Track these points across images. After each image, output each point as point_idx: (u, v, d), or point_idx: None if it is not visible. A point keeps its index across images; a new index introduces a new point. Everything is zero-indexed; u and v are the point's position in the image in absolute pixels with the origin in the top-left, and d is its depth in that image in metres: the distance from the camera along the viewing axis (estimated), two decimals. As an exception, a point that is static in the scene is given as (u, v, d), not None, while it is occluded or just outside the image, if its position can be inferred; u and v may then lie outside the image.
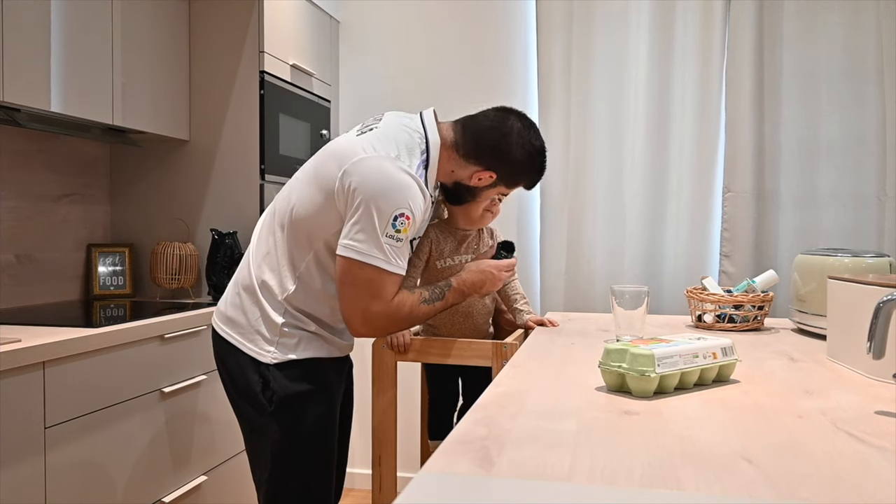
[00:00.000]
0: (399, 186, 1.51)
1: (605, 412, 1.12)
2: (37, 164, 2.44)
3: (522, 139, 1.68)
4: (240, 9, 2.63)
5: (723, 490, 0.79)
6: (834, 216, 2.79)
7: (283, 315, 1.61)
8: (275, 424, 1.61)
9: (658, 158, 2.90)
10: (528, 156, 1.70)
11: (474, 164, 1.68)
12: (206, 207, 2.70)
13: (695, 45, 2.86)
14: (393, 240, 1.51)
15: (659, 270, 2.91)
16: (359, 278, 1.53)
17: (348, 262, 1.52)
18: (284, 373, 1.60)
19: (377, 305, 1.55)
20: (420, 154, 1.61)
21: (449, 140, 1.67)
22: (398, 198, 1.51)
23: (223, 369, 1.70)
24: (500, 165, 1.69)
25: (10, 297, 2.31)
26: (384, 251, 1.51)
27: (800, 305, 1.95)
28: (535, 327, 1.96)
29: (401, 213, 1.50)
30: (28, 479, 1.64)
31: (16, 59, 1.93)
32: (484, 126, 1.68)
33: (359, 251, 1.50)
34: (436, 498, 0.77)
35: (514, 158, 1.68)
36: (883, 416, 1.10)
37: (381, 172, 1.51)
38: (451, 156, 1.67)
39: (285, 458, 1.62)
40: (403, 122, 1.66)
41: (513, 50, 3.09)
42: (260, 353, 1.61)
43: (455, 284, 1.70)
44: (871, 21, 2.73)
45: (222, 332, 1.68)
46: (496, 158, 1.68)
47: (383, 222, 1.50)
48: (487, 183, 1.71)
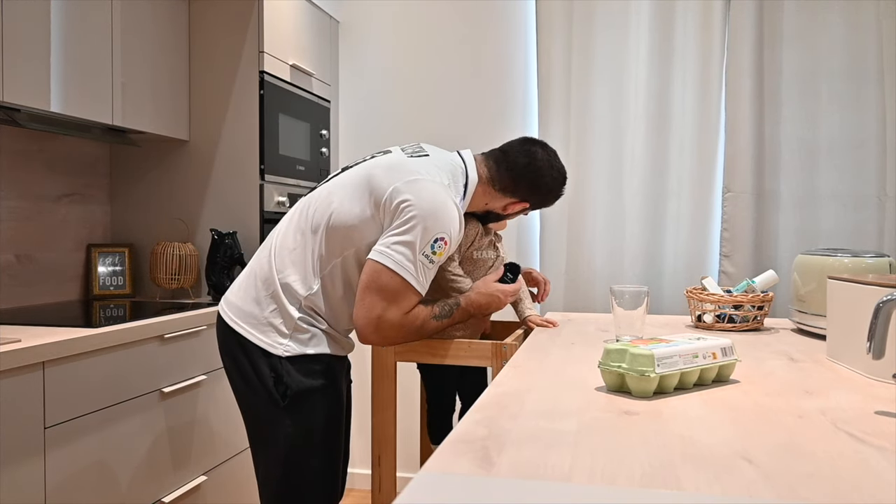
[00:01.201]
0: (448, 213, 1.60)
1: (605, 412, 1.12)
2: (37, 164, 2.44)
3: (552, 169, 1.82)
4: (240, 9, 2.63)
5: (723, 490, 0.79)
6: (834, 216, 2.79)
7: (299, 310, 1.63)
8: (288, 419, 1.62)
9: (658, 158, 2.90)
10: (556, 182, 1.84)
11: (510, 196, 1.81)
12: (206, 207, 2.70)
13: (695, 45, 2.86)
14: (427, 260, 1.58)
15: (659, 270, 2.91)
16: (385, 285, 1.56)
17: (379, 268, 1.56)
18: (297, 367, 1.62)
19: (393, 315, 1.59)
20: (462, 188, 1.72)
21: (485, 176, 1.78)
22: (445, 223, 1.58)
23: (230, 360, 1.69)
24: (533, 196, 1.83)
25: (10, 297, 2.31)
26: (416, 267, 1.57)
27: (800, 305, 1.95)
28: (533, 327, 1.97)
29: (442, 237, 1.58)
30: (28, 479, 1.64)
31: (16, 59, 1.93)
32: (519, 163, 1.79)
33: (395, 260, 1.56)
34: (436, 498, 0.77)
35: (546, 189, 1.83)
36: (883, 416, 1.10)
37: (436, 196, 1.60)
38: (487, 190, 1.79)
39: (298, 452, 1.64)
40: (449, 157, 1.77)
41: (513, 50, 3.09)
42: (272, 346, 1.62)
43: (464, 304, 1.75)
44: (871, 21, 2.73)
45: (231, 322, 1.68)
46: (531, 192, 1.82)
47: (425, 241, 1.56)
48: (519, 210, 1.85)
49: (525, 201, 1.83)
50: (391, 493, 1.82)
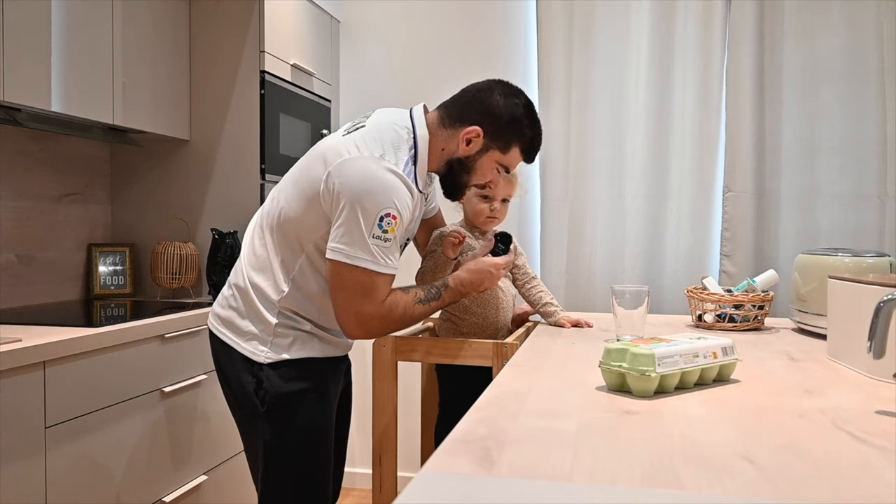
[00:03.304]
0: (384, 187, 1.50)
1: (606, 412, 1.12)
2: (37, 163, 2.44)
3: (505, 91, 1.65)
4: (240, 8, 2.63)
5: (723, 490, 0.79)
6: (834, 216, 2.78)
7: (276, 316, 1.60)
8: (267, 424, 1.60)
9: (658, 158, 2.90)
10: (513, 106, 1.64)
11: (459, 126, 1.63)
12: (207, 207, 2.70)
13: (695, 44, 2.86)
14: (380, 240, 1.50)
15: (659, 270, 2.91)
16: (348, 281, 1.52)
17: (337, 266, 1.52)
18: (278, 372, 1.60)
19: (369, 307, 1.54)
20: (408, 150, 1.60)
21: (435, 122, 1.66)
22: (383, 198, 1.50)
23: (219, 369, 1.70)
24: (484, 118, 1.63)
25: (10, 297, 2.31)
26: (371, 252, 1.50)
27: (800, 305, 1.95)
28: (569, 327, 1.96)
29: (387, 213, 1.50)
30: (28, 479, 1.64)
31: (16, 59, 1.93)
32: (467, 90, 1.67)
33: (346, 254, 1.50)
34: (436, 498, 0.77)
35: (497, 110, 1.63)
36: (883, 416, 1.10)
37: (364, 173, 1.50)
38: (439, 133, 1.65)
39: (278, 458, 1.62)
40: (391, 119, 1.64)
41: (513, 50, 3.09)
42: (254, 353, 1.61)
43: (452, 284, 1.70)
44: (871, 21, 2.73)
45: (217, 332, 1.68)
46: (479, 112, 1.63)
47: (369, 223, 1.49)
48: (478, 146, 1.64)
49: (475, 125, 1.62)
50: (392, 493, 1.82)
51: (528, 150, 1.69)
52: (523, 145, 1.68)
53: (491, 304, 1.93)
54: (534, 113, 1.68)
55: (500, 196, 1.93)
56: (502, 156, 1.67)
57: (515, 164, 1.72)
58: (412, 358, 1.85)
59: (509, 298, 2.00)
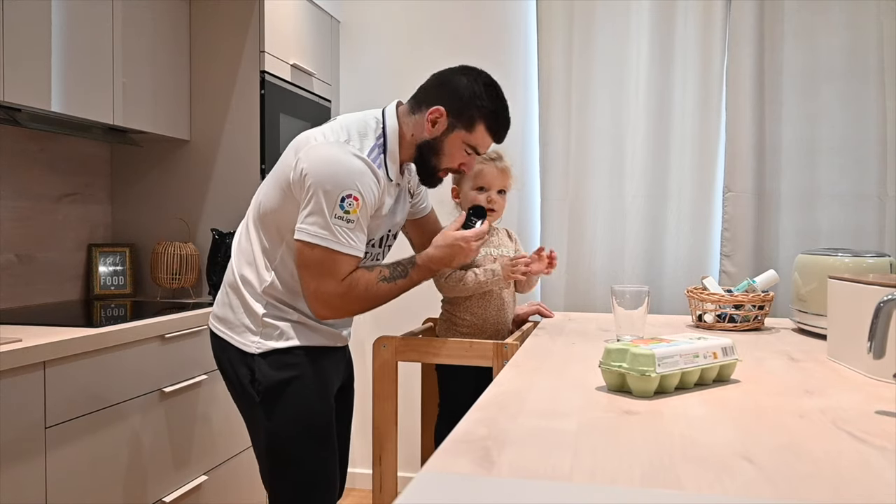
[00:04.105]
0: (346, 168, 1.56)
1: (606, 412, 1.12)
2: (37, 164, 2.44)
3: (466, 72, 1.70)
4: (240, 9, 2.62)
5: (723, 490, 0.79)
6: (834, 216, 2.78)
7: (264, 306, 1.65)
8: (263, 414, 1.64)
9: (658, 158, 2.90)
10: (472, 83, 1.67)
11: (425, 108, 1.68)
12: (207, 207, 2.70)
13: (695, 44, 2.86)
14: (343, 221, 1.55)
15: (659, 270, 2.91)
16: (310, 260, 1.57)
17: (301, 245, 1.57)
18: (268, 361, 1.63)
19: (328, 285, 1.58)
20: (375, 138, 1.65)
21: (405, 112, 1.71)
22: (344, 180, 1.55)
23: (220, 366, 1.74)
24: (445, 97, 1.66)
25: (10, 297, 2.31)
26: (333, 232, 1.55)
27: (800, 305, 1.95)
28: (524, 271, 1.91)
29: (348, 194, 1.54)
30: (28, 479, 1.64)
31: (16, 59, 1.93)
32: (432, 75, 1.74)
33: (309, 233, 1.55)
34: (436, 498, 0.77)
35: (458, 88, 1.67)
36: (883, 416, 1.10)
37: (328, 156, 1.57)
38: (408, 122, 1.70)
39: (280, 446, 1.64)
40: (364, 113, 1.71)
41: (513, 50, 3.09)
42: (246, 345, 1.65)
43: (420, 262, 1.70)
44: (871, 21, 2.73)
45: (215, 329, 1.73)
46: (441, 92, 1.68)
47: (331, 204, 1.54)
48: (443, 126, 1.66)
49: (438, 104, 1.65)
50: (392, 493, 1.82)
51: (494, 127, 1.70)
52: (487, 122, 1.68)
53: (492, 305, 1.94)
54: (497, 90, 1.71)
55: (496, 187, 1.95)
56: (468, 135, 1.68)
57: (485, 144, 1.72)
58: (412, 358, 1.85)
59: (511, 299, 2.00)
